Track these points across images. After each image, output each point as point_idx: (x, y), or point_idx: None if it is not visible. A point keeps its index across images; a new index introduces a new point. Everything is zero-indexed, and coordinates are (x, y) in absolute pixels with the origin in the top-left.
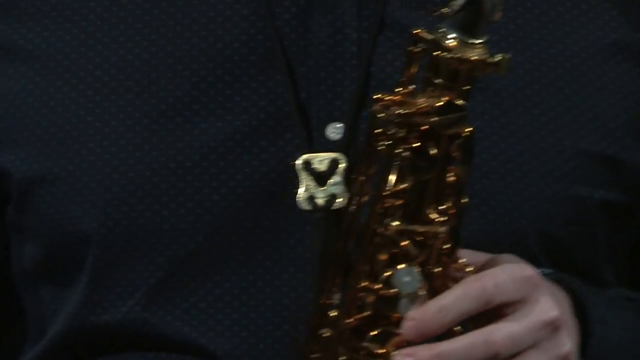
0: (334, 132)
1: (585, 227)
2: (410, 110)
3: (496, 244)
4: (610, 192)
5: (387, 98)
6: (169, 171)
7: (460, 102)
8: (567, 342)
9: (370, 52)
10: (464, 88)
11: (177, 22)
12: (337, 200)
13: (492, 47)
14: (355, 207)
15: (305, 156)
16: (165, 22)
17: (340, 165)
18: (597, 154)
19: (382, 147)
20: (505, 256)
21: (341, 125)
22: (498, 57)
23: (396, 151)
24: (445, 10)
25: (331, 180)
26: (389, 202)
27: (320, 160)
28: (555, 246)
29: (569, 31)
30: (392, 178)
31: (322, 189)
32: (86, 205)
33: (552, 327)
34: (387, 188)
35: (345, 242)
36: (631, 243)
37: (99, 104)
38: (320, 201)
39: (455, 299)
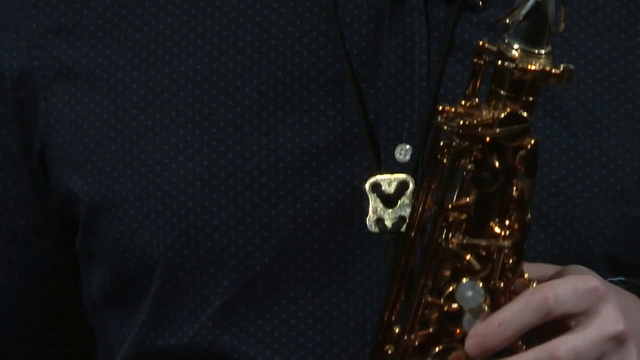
0: (402, 154)
1: None
2: (474, 122)
3: (562, 265)
4: None
5: (451, 110)
6: (236, 193)
7: (524, 113)
8: (634, 354)
9: (440, 74)
10: (528, 99)
11: (246, 45)
12: (405, 223)
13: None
14: (418, 221)
15: (373, 178)
16: (234, 44)
17: (409, 187)
18: None
19: (445, 160)
20: (573, 267)
21: (409, 147)
22: (561, 67)
23: (459, 163)
24: (507, 20)
25: (400, 202)
26: (452, 216)
27: (389, 182)
28: (622, 268)
29: (639, 54)
30: (456, 191)
31: (390, 211)
32: (153, 228)
33: (617, 340)
34: (450, 201)
35: (408, 258)
36: None
37: (166, 126)
38: (388, 223)
39: (515, 312)
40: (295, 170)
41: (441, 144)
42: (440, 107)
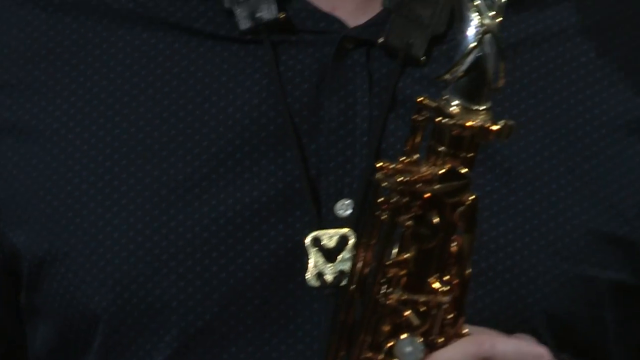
0: (342, 209)
1: (593, 308)
2: (413, 178)
3: (502, 322)
4: (620, 273)
5: (390, 166)
6: (178, 249)
7: (463, 169)
8: None
9: (381, 129)
10: (467, 155)
11: (188, 100)
12: (346, 277)
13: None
14: (358, 277)
15: (314, 233)
16: (177, 100)
17: (349, 242)
18: (607, 234)
19: (384, 216)
20: (521, 335)
21: (350, 201)
22: (500, 124)
23: (399, 220)
24: (447, 76)
25: (340, 257)
26: (391, 272)
27: (330, 236)
28: (561, 326)
29: (581, 111)
30: (395, 247)
31: (330, 265)
32: (95, 283)
33: None
34: (389, 257)
35: (348, 313)
36: None
37: (108, 182)
38: (329, 277)
39: (450, 355)
40: (237, 226)
41: (380, 200)
42: (379, 164)
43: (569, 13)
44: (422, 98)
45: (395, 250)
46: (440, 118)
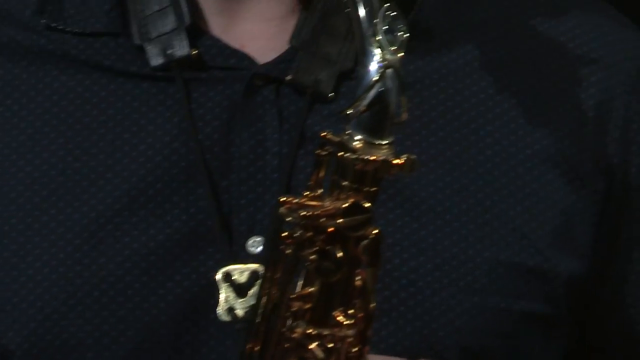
0: (254, 246)
1: (507, 339)
2: (316, 213)
3: (414, 356)
4: (533, 303)
5: (294, 201)
6: (92, 286)
7: (366, 204)
8: None
9: (291, 165)
10: (370, 190)
11: (100, 138)
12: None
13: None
14: (263, 311)
15: (225, 268)
16: (89, 137)
17: (259, 277)
18: (518, 265)
19: (288, 250)
20: None
21: (261, 238)
22: (402, 158)
23: (302, 254)
24: (350, 111)
25: (251, 292)
26: (296, 306)
27: (241, 271)
28: (475, 358)
29: (490, 143)
30: (300, 281)
31: (241, 300)
32: (9, 320)
33: None
34: (294, 291)
35: (254, 347)
36: (562, 355)
37: (21, 219)
38: (240, 312)
39: None
40: (150, 263)
41: (284, 234)
42: (283, 198)
43: (472, 47)
44: (325, 133)
45: (300, 284)
46: (343, 153)
